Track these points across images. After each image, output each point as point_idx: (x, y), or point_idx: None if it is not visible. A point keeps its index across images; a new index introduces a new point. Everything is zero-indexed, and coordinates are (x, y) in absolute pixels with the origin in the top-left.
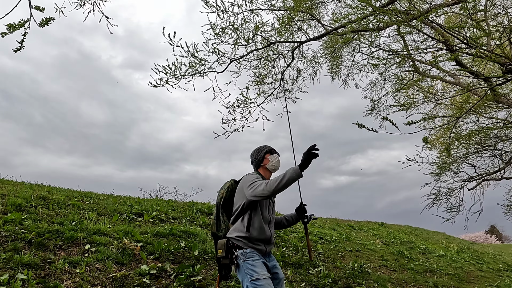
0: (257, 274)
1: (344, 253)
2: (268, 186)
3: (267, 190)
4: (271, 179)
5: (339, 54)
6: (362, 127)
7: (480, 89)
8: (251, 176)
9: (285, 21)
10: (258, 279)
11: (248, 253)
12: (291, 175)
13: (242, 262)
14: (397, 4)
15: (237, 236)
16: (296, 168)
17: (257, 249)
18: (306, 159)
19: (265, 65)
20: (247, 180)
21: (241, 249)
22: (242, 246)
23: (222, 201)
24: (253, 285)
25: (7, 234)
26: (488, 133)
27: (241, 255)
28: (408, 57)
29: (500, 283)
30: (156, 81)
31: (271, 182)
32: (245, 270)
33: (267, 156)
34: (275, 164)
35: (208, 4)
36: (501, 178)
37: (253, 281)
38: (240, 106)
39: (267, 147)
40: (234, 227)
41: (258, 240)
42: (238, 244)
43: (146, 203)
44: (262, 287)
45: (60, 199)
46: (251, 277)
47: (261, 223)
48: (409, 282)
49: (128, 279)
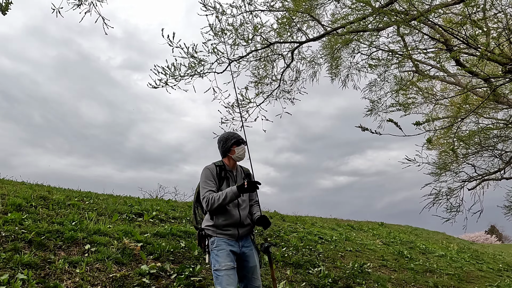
0: (218, 264)
1: (344, 253)
2: (210, 203)
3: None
4: (215, 194)
5: (338, 54)
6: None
7: (480, 89)
8: (203, 174)
9: (285, 22)
10: (218, 269)
11: (215, 242)
12: (231, 197)
13: (210, 250)
14: (396, 5)
15: (206, 226)
16: (236, 192)
17: (227, 234)
18: (247, 189)
19: (264, 65)
20: (200, 178)
21: (211, 237)
22: (211, 234)
23: (196, 196)
24: (214, 275)
25: (7, 234)
26: (488, 133)
27: (211, 243)
28: (408, 57)
29: (500, 283)
30: (155, 82)
31: (214, 200)
32: (211, 258)
33: (234, 147)
34: (240, 156)
35: (206, 6)
36: (501, 178)
37: (215, 271)
38: (239, 106)
39: (235, 137)
40: (205, 218)
41: (226, 226)
42: (208, 233)
43: (146, 203)
44: (221, 278)
45: (60, 199)
46: (213, 267)
47: (227, 209)
48: (409, 282)
49: (128, 279)
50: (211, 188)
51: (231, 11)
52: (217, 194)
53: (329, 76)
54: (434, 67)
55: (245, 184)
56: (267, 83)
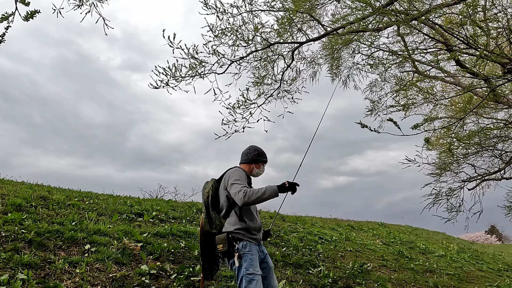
0: (253, 268)
1: (344, 253)
2: (248, 195)
3: (246, 199)
4: (254, 189)
5: (339, 55)
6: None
7: (480, 90)
8: (236, 172)
9: (285, 22)
10: (253, 273)
11: (247, 246)
12: (271, 194)
13: (242, 254)
14: (396, 5)
15: (236, 229)
16: (276, 190)
17: (254, 238)
18: (288, 189)
19: (265, 66)
20: (232, 176)
21: (241, 241)
22: (242, 238)
23: (210, 200)
24: (248, 278)
25: (7, 234)
26: (488, 133)
27: (242, 247)
28: (408, 57)
29: (500, 283)
30: (156, 82)
31: (253, 193)
32: (244, 261)
33: (262, 164)
34: (261, 173)
35: (207, 5)
36: (501, 178)
37: (248, 274)
38: (241, 107)
39: (266, 157)
40: (230, 221)
41: (254, 230)
42: (238, 236)
43: (146, 203)
44: (255, 282)
45: (60, 199)
46: (247, 270)
47: (252, 213)
48: (409, 282)
49: (128, 279)
50: (246, 185)
51: (231, 11)
52: (255, 188)
53: (330, 77)
54: (434, 67)
55: (286, 183)
56: (268, 84)
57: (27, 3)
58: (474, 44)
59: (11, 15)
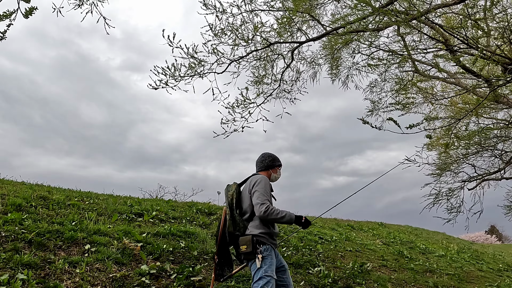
0: (271, 271)
1: (344, 253)
2: (269, 212)
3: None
4: (276, 209)
5: (338, 55)
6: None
7: (480, 90)
8: (263, 181)
9: (285, 22)
10: (271, 276)
11: (269, 249)
12: (287, 221)
13: (264, 256)
14: (396, 4)
15: (261, 233)
16: (293, 219)
17: (274, 244)
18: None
19: (264, 65)
20: (258, 183)
21: (264, 244)
22: (265, 241)
23: (233, 201)
24: (266, 280)
25: (7, 234)
26: (488, 133)
27: (264, 250)
28: (408, 57)
29: (500, 283)
30: (155, 82)
31: (274, 213)
32: (265, 264)
33: (278, 168)
34: (278, 177)
35: (206, 5)
36: (501, 178)
37: (267, 276)
38: (240, 107)
39: (280, 161)
40: (254, 225)
41: (274, 235)
42: (261, 240)
43: (146, 203)
44: (272, 286)
45: (60, 199)
46: (265, 272)
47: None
48: (409, 282)
49: (128, 279)
50: (270, 199)
51: (231, 11)
52: (278, 209)
53: (329, 77)
54: (434, 67)
55: (303, 219)
56: (267, 83)
57: (27, 0)
58: (474, 44)
59: (14, 12)
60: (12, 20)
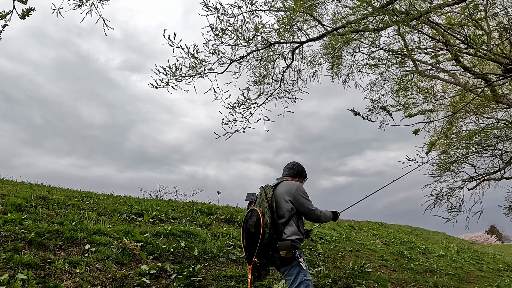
0: (309, 275)
1: (344, 253)
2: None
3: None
4: (323, 212)
5: (339, 54)
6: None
7: (479, 89)
8: (302, 187)
9: (285, 22)
10: (310, 280)
11: (302, 254)
12: (327, 219)
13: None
14: (397, 5)
15: (297, 239)
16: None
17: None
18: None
19: (265, 65)
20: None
21: (299, 249)
22: (299, 247)
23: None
24: (306, 284)
25: (7, 234)
26: (488, 133)
27: (299, 255)
28: (408, 57)
29: (500, 283)
30: (156, 82)
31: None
32: (302, 268)
33: (303, 180)
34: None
35: (207, 6)
36: (501, 178)
37: (307, 280)
38: (241, 107)
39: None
40: (291, 230)
41: (302, 241)
42: (297, 245)
43: (146, 203)
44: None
45: (60, 199)
46: (305, 277)
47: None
48: (409, 282)
49: (128, 279)
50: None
51: (232, 11)
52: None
53: (330, 76)
54: (434, 67)
55: (338, 215)
56: (268, 83)
57: (24, 1)
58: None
59: (9, 13)
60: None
